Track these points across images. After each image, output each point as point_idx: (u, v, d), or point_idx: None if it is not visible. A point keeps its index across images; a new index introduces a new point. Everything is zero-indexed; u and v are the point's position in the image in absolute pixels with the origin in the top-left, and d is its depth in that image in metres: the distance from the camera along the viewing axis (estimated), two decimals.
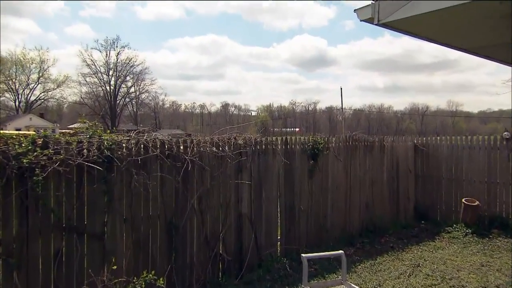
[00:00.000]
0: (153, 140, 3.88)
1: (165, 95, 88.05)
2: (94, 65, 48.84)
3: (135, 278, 3.44)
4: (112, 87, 50.24)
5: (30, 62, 50.16)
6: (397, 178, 7.25)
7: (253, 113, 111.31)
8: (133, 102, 57.38)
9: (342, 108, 37.69)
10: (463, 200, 6.89)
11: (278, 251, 5.12)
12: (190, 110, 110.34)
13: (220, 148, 4.46)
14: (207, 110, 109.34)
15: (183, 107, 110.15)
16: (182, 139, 4.23)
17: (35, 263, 3.10)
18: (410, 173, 7.55)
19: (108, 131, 3.77)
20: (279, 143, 5.28)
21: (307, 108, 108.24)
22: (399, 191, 7.27)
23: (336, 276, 4.55)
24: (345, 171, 6.23)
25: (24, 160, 2.99)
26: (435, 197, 7.46)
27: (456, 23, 3.20)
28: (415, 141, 7.74)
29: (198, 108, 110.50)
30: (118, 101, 51.58)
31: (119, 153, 3.53)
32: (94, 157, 3.34)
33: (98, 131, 3.56)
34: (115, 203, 3.56)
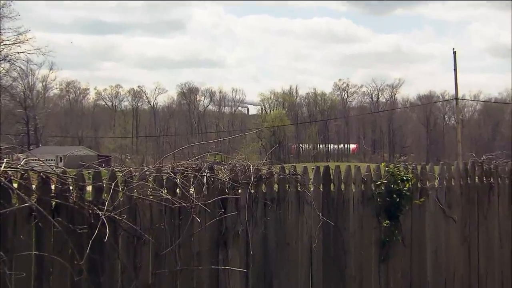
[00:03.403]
0: (21, 175, 3.87)
1: (52, 68, 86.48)
2: None
3: None
4: None
5: None
6: None
7: (252, 110, 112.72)
8: None
9: (456, 98, 37.00)
10: None
11: None
12: (110, 103, 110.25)
13: (178, 191, 4.51)
14: (149, 103, 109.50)
15: (92, 95, 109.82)
16: (91, 171, 4.26)
17: None
18: None
19: None
20: (311, 178, 5.36)
21: (373, 99, 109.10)
22: None
23: None
24: (466, 243, 6.34)
25: None
26: None
27: None
28: None
29: (127, 99, 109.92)
30: None
31: None
32: None
33: None
34: None
